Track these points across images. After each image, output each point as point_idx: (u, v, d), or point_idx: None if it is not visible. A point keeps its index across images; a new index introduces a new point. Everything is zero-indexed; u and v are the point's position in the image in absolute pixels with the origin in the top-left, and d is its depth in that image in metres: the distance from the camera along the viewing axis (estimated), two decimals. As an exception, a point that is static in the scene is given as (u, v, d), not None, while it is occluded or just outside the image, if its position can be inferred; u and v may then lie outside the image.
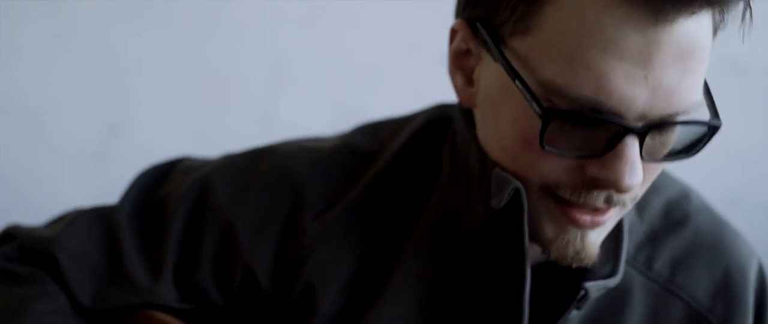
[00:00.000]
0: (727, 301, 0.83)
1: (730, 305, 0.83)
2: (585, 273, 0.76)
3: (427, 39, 1.78)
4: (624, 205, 0.72)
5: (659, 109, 0.67)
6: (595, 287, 0.75)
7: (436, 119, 0.84)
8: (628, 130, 0.67)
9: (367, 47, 1.77)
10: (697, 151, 0.71)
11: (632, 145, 0.67)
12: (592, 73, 0.65)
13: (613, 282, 0.77)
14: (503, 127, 0.71)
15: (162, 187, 0.86)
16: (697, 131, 0.70)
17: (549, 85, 0.67)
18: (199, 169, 0.86)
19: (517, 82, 0.68)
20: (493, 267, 0.77)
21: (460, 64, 0.75)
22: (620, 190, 0.68)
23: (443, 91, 1.80)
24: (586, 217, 0.71)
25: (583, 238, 0.73)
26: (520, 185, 0.71)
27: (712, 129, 0.70)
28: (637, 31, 0.65)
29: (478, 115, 0.75)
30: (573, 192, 0.70)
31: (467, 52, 0.74)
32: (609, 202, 0.71)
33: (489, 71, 0.72)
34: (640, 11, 0.64)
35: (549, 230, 0.73)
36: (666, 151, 0.70)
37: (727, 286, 0.84)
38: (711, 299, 0.83)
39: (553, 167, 0.70)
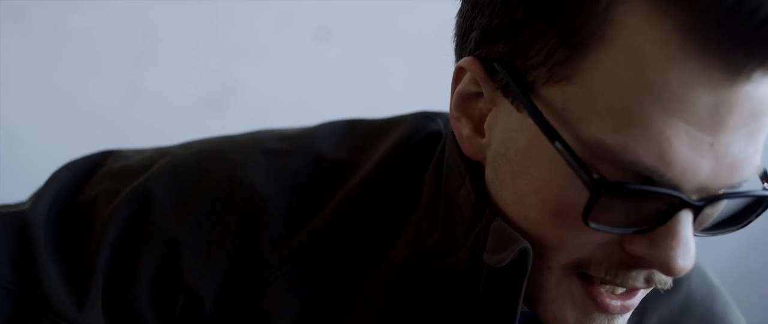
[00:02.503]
0: None
1: None
2: None
3: (299, 10, 1.75)
4: (662, 286, 0.62)
5: (722, 180, 0.56)
6: None
7: (420, 133, 0.73)
8: (685, 204, 0.56)
9: (238, 17, 1.71)
10: (748, 223, 0.61)
11: (687, 220, 0.57)
12: (652, 137, 0.54)
13: None
14: (526, 193, 0.60)
15: (85, 190, 0.72)
16: (747, 199, 0.61)
17: (595, 147, 0.55)
18: (133, 171, 0.72)
19: (557, 143, 0.56)
20: (470, 321, 0.67)
21: (467, 109, 0.63)
22: (669, 273, 0.58)
23: (316, 64, 1.78)
24: (616, 303, 0.61)
25: None
26: (528, 245, 0.60)
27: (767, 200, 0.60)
28: (709, 89, 0.53)
29: (489, 170, 0.63)
30: (609, 270, 0.60)
31: (476, 96, 0.63)
32: (649, 283, 0.61)
33: (508, 123, 0.60)
34: (715, 66, 0.53)
35: (570, 317, 0.62)
36: (712, 221, 0.60)
37: None
38: None
39: (587, 243, 0.59)
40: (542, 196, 0.59)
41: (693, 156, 0.55)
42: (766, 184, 0.61)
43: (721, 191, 0.57)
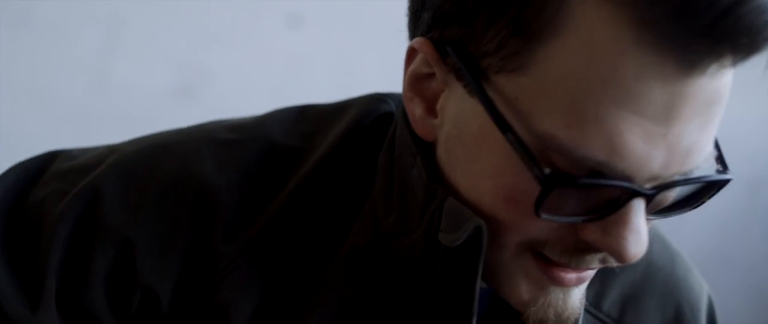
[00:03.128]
0: None
1: None
2: None
3: (271, -4, 1.74)
4: (617, 264, 0.62)
5: (674, 168, 0.56)
6: None
7: (372, 115, 0.72)
8: (636, 194, 0.56)
9: (208, 3, 1.69)
10: (702, 204, 0.61)
11: (639, 208, 0.56)
12: (605, 132, 0.53)
13: None
14: (479, 178, 0.59)
15: (33, 192, 0.71)
16: (700, 184, 0.61)
17: (547, 139, 0.55)
18: (81, 170, 0.71)
19: (508, 135, 0.56)
20: (430, 304, 0.66)
21: (419, 90, 0.63)
22: (621, 260, 0.57)
23: (289, 50, 1.76)
24: (571, 276, 0.61)
25: (566, 299, 0.63)
26: (483, 223, 0.59)
27: (720, 183, 0.60)
28: (663, 83, 0.52)
29: (441, 151, 0.63)
30: (563, 253, 0.59)
31: (429, 76, 0.62)
32: (603, 263, 0.61)
33: (461, 106, 0.60)
34: (669, 61, 0.52)
35: (525, 292, 0.62)
36: (666, 204, 0.60)
37: None
38: None
39: (541, 228, 0.59)
40: (495, 182, 0.58)
41: (646, 148, 0.54)
42: (719, 166, 0.60)
43: (674, 178, 0.57)
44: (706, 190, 0.61)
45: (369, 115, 0.72)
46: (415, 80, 0.62)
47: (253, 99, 1.73)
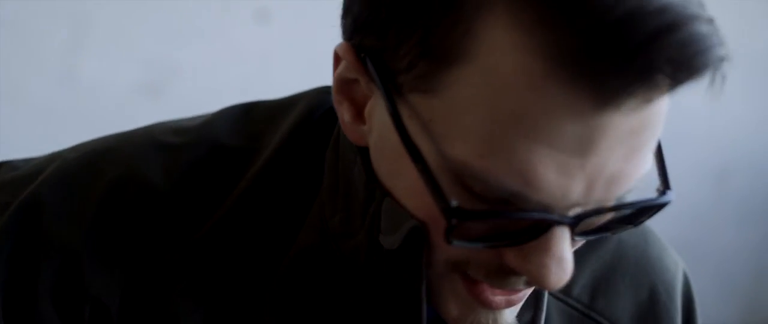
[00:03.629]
0: None
1: None
2: None
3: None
4: (538, 286, 0.59)
5: (597, 196, 0.53)
6: None
7: (322, 108, 0.69)
8: (556, 222, 0.53)
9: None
10: (640, 223, 0.58)
11: (561, 236, 0.53)
12: (516, 163, 0.51)
13: None
14: (402, 194, 0.57)
15: None
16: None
17: (459, 165, 0.52)
18: (23, 181, 0.68)
19: (417, 165, 0.53)
20: (378, 307, 0.64)
21: (347, 94, 0.60)
22: (544, 287, 0.55)
23: (256, 46, 1.75)
24: (500, 299, 0.58)
25: (496, 319, 0.60)
26: (418, 224, 0.57)
27: (656, 206, 0.57)
28: (575, 118, 0.49)
29: (373, 156, 0.60)
30: (487, 275, 0.57)
31: (355, 81, 0.59)
32: (530, 284, 0.58)
33: (383, 118, 0.57)
34: (581, 96, 0.49)
35: (454, 309, 0.60)
36: (598, 225, 0.57)
37: (653, 309, 0.74)
38: None
39: (462, 250, 0.56)
40: (413, 202, 0.56)
41: (562, 180, 0.51)
42: (660, 184, 0.57)
43: (600, 206, 0.54)
44: (644, 211, 0.58)
45: (318, 109, 0.69)
46: (341, 84, 0.60)
47: (221, 95, 1.71)
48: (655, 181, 0.57)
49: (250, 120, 0.71)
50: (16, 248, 0.65)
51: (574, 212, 0.53)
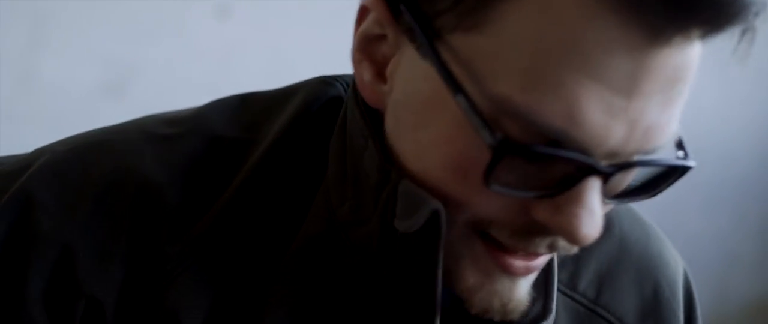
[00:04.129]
0: (657, 321, 0.74)
1: None
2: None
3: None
4: (564, 252, 0.59)
5: (633, 146, 0.53)
6: None
7: (320, 100, 0.68)
8: (593, 170, 0.53)
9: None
10: (659, 192, 0.58)
11: (594, 187, 0.53)
12: (563, 98, 0.51)
13: None
14: (428, 147, 0.56)
15: None
16: (659, 168, 0.58)
17: (501, 103, 0.52)
18: (10, 176, 0.66)
19: (459, 97, 0.53)
20: (391, 295, 0.63)
21: (369, 52, 0.59)
22: (573, 242, 0.55)
23: (219, 42, 1.74)
24: (520, 264, 0.58)
25: (512, 288, 0.59)
26: (441, 206, 0.56)
27: (681, 169, 0.57)
28: (627, 52, 0.50)
29: (390, 119, 0.60)
30: (511, 235, 0.56)
31: (380, 38, 0.58)
32: (551, 249, 0.58)
33: (412, 70, 0.57)
34: (635, 29, 0.50)
35: (470, 277, 0.59)
36: (622, 188, 0.57)
37: (657, 305, 0.74)
38: (640, 320, 0.73)
39: (490, 203, 0.55)
40: (443, 151, 0.55)
41: (606, 120, 0.52)
42: (680, 152, 0.58)
43: (634, 158, 0.54)
44: (665, 176, 0.58)
45: (317, 100, 0.68)
46: (365, 41, 0.59)
47: (184, 93, 1.70)
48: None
49: (245, 111, 0.70)
50: (5, 246, 0.63)
51: (608, 162, 0.54)
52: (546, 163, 0.54)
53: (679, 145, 0.59)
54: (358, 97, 0.62)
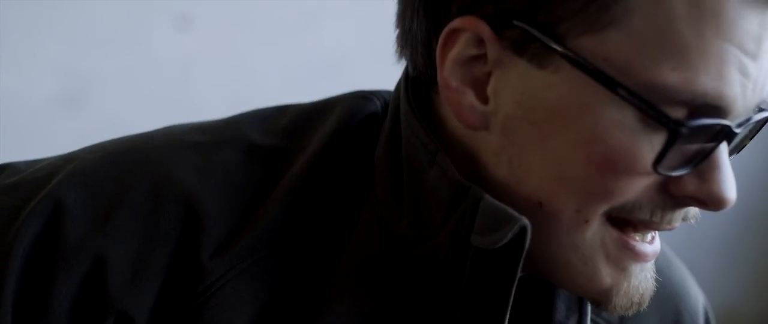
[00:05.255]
0: None
1: None
2: None
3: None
4: (694, 220, 0.63)
5: (754, 104, 0.58)
6: None
7: (359, 115, 0.67)
8: (728, 134, 0.57)
9: (91, 6, 1.63)
10: (743, 148, 0.63)
11: (726, 150, 0.58)
12: (712, 65, 0.55)
13: None
14: (564, 153, 0.57)
15: None
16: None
17: (656, 90, 0.55)
18: (35, 183, 0.62)
19: (620, 90, 0.55)
20: (455, 310, 0.62)
21: (464, 76, 0.59)
22: (722, 206, 0.58)
23: (178, 54, 1.72)
24: (648, 249, 0.61)
25: (643, 277, 0.61)
26: (528, 223, 0.57)
27: (765, 122, 0.61)
28: (756, 14, 0.55)
29: (494, 140, 0.60)
30: (653, 212, 0.59)
31: (476, 59, 0.59)
32: (685, 219, 0.61)
33: (527, 83, 0.58)
34: None
35: (607, 278, 0.60)
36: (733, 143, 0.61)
37: None
38: None
39: (633, 190, 0.58)
40: (590, 150, 0.57)
41: (743, 80, 0.56)
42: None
43: (749, 115, 0.59)
44: (751, 131, 0.61)
45: (356, 115, 0.67)
46: (458, 66, 0.59)
47: (142, 105, 1.69)
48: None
49: (281, 119, 0.68)
50: (32, 256, 0.60)
51: (735, 122, 0.58)
52: (693, 139, 0.57)
53: None
54: (416, 114, 0.62)
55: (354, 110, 0.67)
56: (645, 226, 0.60)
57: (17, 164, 0.67)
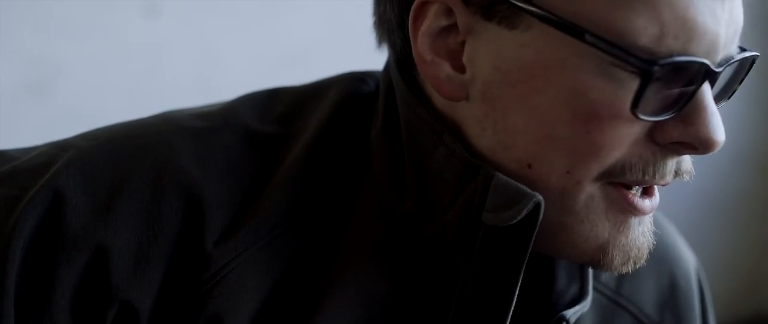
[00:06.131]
0: (675, 312, 0.76)
1: (679, 317, 0.77)
2: (550, 294, 0.66)
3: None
4: (687, 176, 0.62)
5: (729, 46, 0.59)
6: (573, 316, 0.65)
7: (355, 96, 0.68)
8: (708, 73, 0.57)
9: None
10: (734, 93, 0.63)
11: (709, 91, 0.58)
12: (679, 14, 0.55)
13: (586, 306, 0.67)
14: (548, 111, 0.57)
15: None
16: (733, 67, 0.62)
17: (625, 34, 0.55)
18: (31, 172, 0.62)
19: (588, 37, 0.55)
20: (463, 287, 0.62)
21: (438, 48, 0.60)
22: (711, 148, 0.58)
23: (146, 41, 1.71)
24: (647, 203, 0.61)
25: (641, 232, 0.62)
26: (541, 198, 0.58)
27: (751, 61, 0.62)
28: None
29: (475, 108, 0.60)
30: (645, 170, 0.59)
31: (447, 29, 0.60)
32: (676, 175, 0.61)
33: (500, 46, 0.58)
34: None
35: (604, 231, 0.61)
36: (717, 90, 0.62)
37: (674, 296, 0.77)
38: (659, 311, 0.76)
39: (621, 144, 0.58)
40: (572, 105, 0.57)
41: (715, 25, 0.56)
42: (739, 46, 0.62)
43: (727, 57, 0.59)
44: (737, 75, 0.62)
45: (351, 97, 0.68)
46: (431, 39, 0.60)
47: (111, 93, 1.68)
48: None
49: (276, 104, 0.69)
50: (32, 247, 0.59)
51: (715, 64, 0.58)
52: (669, 82, 0.57)
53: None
54: (419, 95, 0.63)
55: (349, 92, 0.68)
56: (639, 185, 0.60)
57: (9, 152, 0.66)
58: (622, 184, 0.60)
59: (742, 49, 0.61)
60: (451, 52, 0.60)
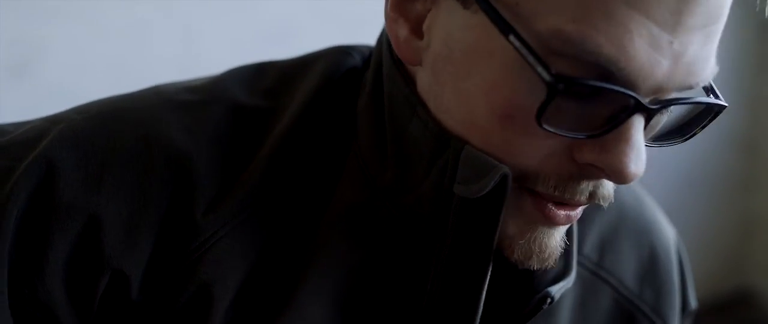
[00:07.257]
0: (654, 285, 0.77)
1: (658, 290, 0.77)
2: (532, 274, 0.67)
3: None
4: (604, 201, 0.60)
5: (677, 80, 0.55)
6: (559, 292, 0.66)
7: (341, 69, 0.68)
8: (639, 107, 0.54)
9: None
10: (692, 135, 0.60)
11: (639, 125, 0.55)
12: (613, 27, 0.52)
13: (570, 281, 0.68)
14: (472, 96, 0.57)
15: None
16: (691, 111, 0.59)
17: (551, 39, 0.53)
18: (25, 144, 0.63)
19: (511, 37, 0.53)
20: (439, 257, 0.63)
21: (404, 10, 0.60)
22: (622, 179, 0.55)
23: (127, 21, 1.71)
24: (562, 213, 0.59)
25: (550, 237, 0.61)
26: (508, 170, 0.57)
27: (716, 110, 0.59)
28: None
29: (425, 76, 0.61)
30: (557, 185, 0.58)
31: None
32: (592, 198, 0.59)
33: (452, 22, 0.57)
34: None
35: (513, 227, 0.60)
36: (660, 131, 0.59)
37: (654, 269, 0.77)
38: (638, 283, 0.76)
39: (537, 150, 0.57)
40: (490, 98, 0.56)
41: (652, 53, 0.53)
42: (711, 96, 0.60)
43: (674, 95, 0.56)
44: (698, 118, 0.60)
45: (337, 70, 0.68)
46: (399, 2, 0.60)
47: (91, 73, 1.67)
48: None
49: (263, 78, 0.70)
50: (26, 215, 0.60)
51: (651, 99, 0.55)
52: (594, 103, 0.55)
53: (709, 90, 0.60)
54: (400, 68, 0.63)
55: (335, 65, 0.69)
56: (550, 200, 0.59)
57: (2, 126, 0.67)
58: (538, 192, 0.59)
59: (712, 94, 0.59)
60: (416, 17, 0.60)
